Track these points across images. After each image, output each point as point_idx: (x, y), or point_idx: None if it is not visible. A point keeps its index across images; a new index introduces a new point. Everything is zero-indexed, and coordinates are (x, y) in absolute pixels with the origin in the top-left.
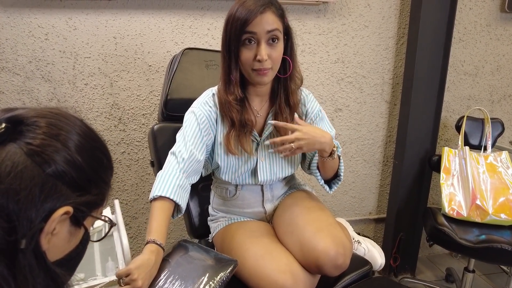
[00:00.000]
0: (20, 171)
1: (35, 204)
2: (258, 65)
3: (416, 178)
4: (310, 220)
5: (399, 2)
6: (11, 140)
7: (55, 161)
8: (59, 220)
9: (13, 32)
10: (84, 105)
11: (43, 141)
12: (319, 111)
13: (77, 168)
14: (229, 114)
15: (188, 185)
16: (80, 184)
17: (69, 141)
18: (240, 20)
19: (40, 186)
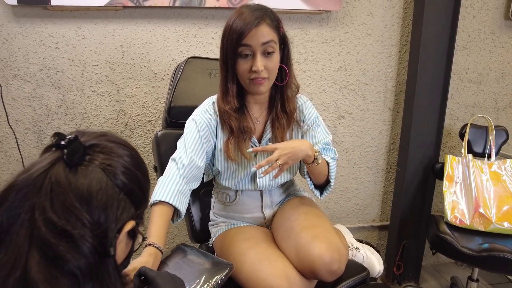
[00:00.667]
0: (105, 189)
1: (115, 217)
2: (255, 75)
3: (420, 185)
4: (306, 226)
5: (402, 11)
6: (88, 160)
7: (124, 179)
8: (126, 230)
9: (25, 41)
10: (91, 111)
11: (114, 162)
12: (316, 118)
13: (139, 186)
14: (228, 122)
15: (188, 190)
16: (139, 200)
17: (129, 159)
18: (236, 33)
19: (118, 202)
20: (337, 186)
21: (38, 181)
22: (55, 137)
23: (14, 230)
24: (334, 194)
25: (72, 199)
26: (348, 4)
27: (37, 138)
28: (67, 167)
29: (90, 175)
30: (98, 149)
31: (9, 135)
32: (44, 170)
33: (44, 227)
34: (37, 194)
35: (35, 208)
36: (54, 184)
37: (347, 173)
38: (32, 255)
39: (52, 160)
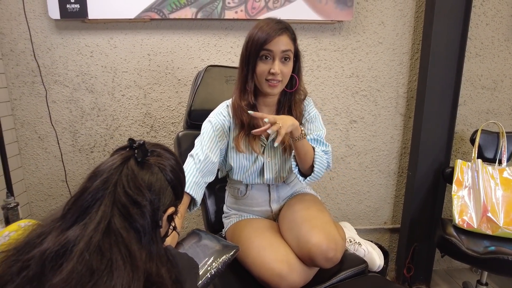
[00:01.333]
0: (159, 181)
1: (163, 202)
2: (271, 77)
3: (430, 189)
4: (307, 218)
5: (413, 20)
6: (148, 160)
7: (171, 176)
8: (167, 214)
9: (65, 50)
10: (121, 113)
11: (165, 163)
12: (315, 114)
13: (180, 183)
14: (241, 117)
15: (204, 183)
16: (179, 193)
17: (175, 163)
18: (261, 39)
19: (166, 191)
20: (349, 188)
21: (119, 167)
22: (129, 141)
23: (101, 198)
24: (346, 196)
25: (140, 182)
26: (360, 14)
27: (72, 137)
28: (136, 162)
29: (150, 170)
30: (155, 153)
31: (49, 134)
32: (123, 161)
33: (123, 196)
34: (119, 176)
35: (117, 184)
36: (130, 171)
37: (359, 176)
38: (114, 214)
39: (128, 156)
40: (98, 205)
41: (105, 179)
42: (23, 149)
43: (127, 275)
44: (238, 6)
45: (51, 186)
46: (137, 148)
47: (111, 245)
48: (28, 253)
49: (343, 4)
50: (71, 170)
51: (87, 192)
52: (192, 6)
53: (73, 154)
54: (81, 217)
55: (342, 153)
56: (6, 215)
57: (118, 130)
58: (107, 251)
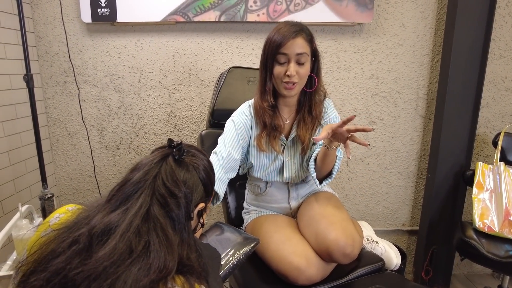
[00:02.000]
0: (193, 178)
1: (195, 197)
2: (287, 79)
3: (450, 192)
4: (325, 215)
5: (434, 22)
6: (184, 158)
7: (203, 174)
8: (198, 209)
9: (95, 52)
10: (146, 112)
11: (199, 162)
12: (334, 117)
13: (210, 182)
14: (262, 118)
15: (226, 179)
16: (209, 191)
17: (207, 163)
18: (276, 43)
19: (197, 187)
20: (368, 189)
21: (159, 162)
22: (169, 141)
23: (142, 187)
24: (364, 197)
25: (177, 177)
26: (380, 16)
27: (99, 134)
28: (174, 159)
29: (186, 167)
30: (190, 153)
31: (78, 131)
32: (162, 158)
33: (162, 187)
34: (159, 170)
35: (157, 176)
36: (168, 166)
37: (378, 177)
38: (153, 202)
39: (167, 153)
40: (139, 193)
41: (146, 171)
42: (54, 145)
43: (163, 255)
44: (260, 9)
45: (79, 181)
46: (175, 147)
47: (149, 229)
48: (78, 230)
49: (364, 6)
50: (98, 166)
51: (130, 182)
52: (216, 9)
53: (100, 150)
54: (124, 203)
55: (361, 154)
56: (43, 205)
57: (143, 128)
58: (145, 234)
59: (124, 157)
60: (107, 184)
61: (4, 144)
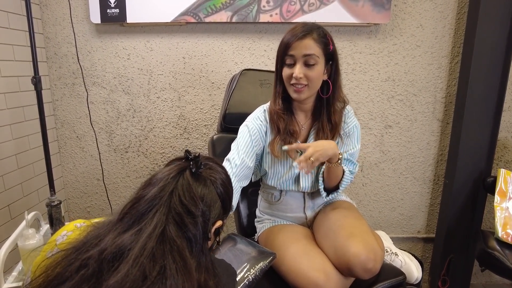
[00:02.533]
0: (211, 194)
1: (213, 214)
2: (294, 81)
3: (469, 199)
4: (344, 227)
5: (454, 22)
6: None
7: (221, 189)
8: (215, 227)
9: (104, 53)
10: (155, 115)
11: (217, 176)
12: (354, 127)
13: (229, 197)
14: (277, 122)
15: (239, 187)
16: (227, 208)
17: (225, 177)
18: (284, 44)
19: (215, 204)
20: (382, 195)
21: (176, 177)
22: (186, 153)
23: (157, 205)
24: (378, 203)
25: (195, 193)
26: (398, 17)
27: (108, 137)
28: (191, 173)
29: (203, 183)
30: (208, 166)
31: (86, 134)
32: (179, 172)
33: (179, 205)
34: (175, 185)
35: (173, 193)
36: (185, 181)
37: (392, 183)
38: (169, 221)
39: (184, 166)
40: (154, 212)
41: (161, 187)
42: (62, 148)
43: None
44: (273, 9)
45: (87, 184)
46: (193, 160)
47: (164, 252)
48: (87, 252)
49: (380, 6)
50: (106, 169)
51: (143, 199)
52: (228, 9)
53: (108, 153)
54: (137, 222)
55: (376, 158)
56: (50, 212)
57: (153, 131)
58: (160, 257)
59: (133, 161)
60: (115, 187)
61: (12, 147)
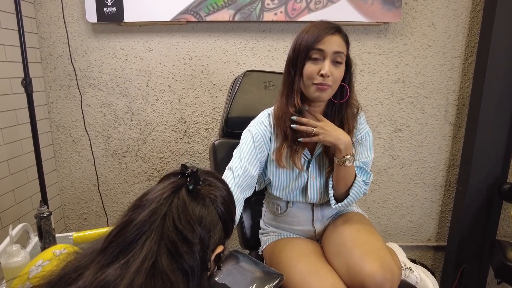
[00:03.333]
0: (210, 216)
1: (213, 239)
2: (320, 80)
3: (483, 206)
4: (358, 243)
5: (468, 20)
6: (200, 189)
7: (222, 209)
8: (216, 253)
9: (101, 54)
10: (154, 118)
11: (217, 194)
12: (366, 134)
13: (231, 218)
14: (284, 128)
15: (242, 199)
16: (229, 230)
17: (226, 194)
18: (312, 37)
19: (216, 226)
20: (391, 201)
21: (170, 197)
22: (182, 168)
23: (147, 231)
24: (387, 210)
25: (192, 216)
26: (408, 15)
27: (105, 141)
28: (187, 192)
29: (202, 202)
30: (207, 182)
31: (83, 138)
32: (174, 190)
33: (173, 231)
34: (169, 207)
35: (167, 216)
36: (181, 202)
37: (402, 189)
38: (161, 251)
39: (179, 184)
40: (144, 240)
41: (153, 210)
42: (58, 152)
43: None
44: (278, 7)
45: (84, 190)
46: (190, 176)
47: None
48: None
49: (391, 4)
50: (103, 175)
51: (132, 224)
52: (230, 8)
53: (106, 158)
54: (124, 252)
55: (385, 164)
56: (39, 224)
57: (151, 135)
58: None
59: (131, 166)
60: (112, 193)
61: (4, 152)
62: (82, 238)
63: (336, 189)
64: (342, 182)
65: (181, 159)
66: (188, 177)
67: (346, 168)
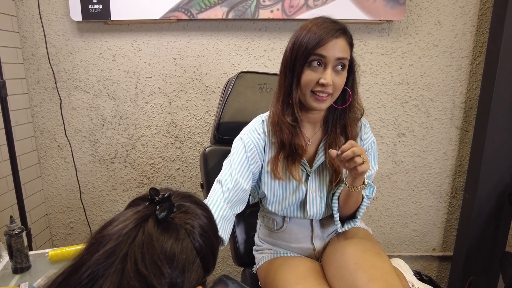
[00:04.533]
0: (185, 252)
1: (189, 281)
2: (320, 88)
3: (492, 215)
4: (363, 266)
5: (476, 18)
6: (173, 218)
7: (201, 241)
8: None
9: (87, 54)
10: (143, 122)
11: (196, 223)
12: (372, 144)
13: (212, 252)
14: (280, 135)
15: (232, 215)
16: (209, 266)
17: (207, 222)
18: (313, 40)
19: (193, 265)
20: (394, 210)
21: (132, 232)
22: (151, 192)
23: (102, 278)
24: (390, 218)
25: (160, 256)
26: (413, 13)
27: (92, 146)
28: (157, 223)
29: (174, 235)
30: (183, 209)
31: (68, 143)
32: (138, 223)
33: (134, 278)
34: (130, 245)
35: (127, 258)
36: (146, 238)
37: (406, 196)
38: None
39: (145, 214)
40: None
41: (110, 250)
42: (43, 158)
43: None
44: (274, 4)
45: (70, 197)
46: (161, 202)
47: None
48: None
49: (394, 1)
50: (90, 182)
51: (83, 267)
52: (223, 5)
53: (93, 164)
54: None
55: (388, 170)
56: (9, 242)
57: (141, 140)
58: None
59: (120, 172)
60: (100, 201)
61: None
62: (59, 255)
63: (343, 212)
64: (353, 207)
65: (172, 165)
66: (158, 204)
67: (359, 192)
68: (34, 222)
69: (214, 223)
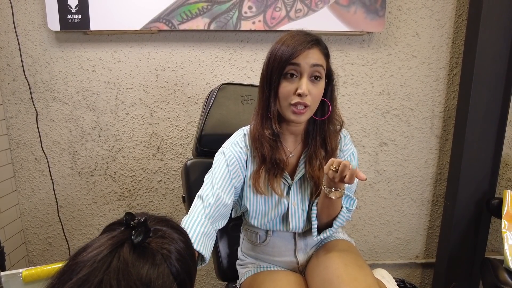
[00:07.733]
0: (162, 277)
1: None
2: (297, 99)
3: (471, 221)
4: (346, 279)
5: (452, 31)
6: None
7: (177, 266)
8: None
9: (65, 65)
10: (124, 133)
11: (173, 248)
12: (351, 155)
13: (189, 277)
14: (261, 150)
15: (214, 231)
16: None
17: (184, 247)
18: (286, 52)
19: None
20: (378, 218)
21: (107, 259)
22: (126, 217)
23: None
24: (374, 227)
25: (136, 282)
26: (392, 25)
27: (71, 159)
28: (132, 248)
29: (150, 260)
30: (159, 234)
31: (47, 155)
32: (114, 248)
33: None
34: (105, 271)
35: (103, 285)
36: (122, 264)
37: (388, 205)
38: None
39: (121, 239)
40: None
41: (84, 278)
42: (18, 171)
43: None
44: (256, 16)
45: (48, 211)
46: (136, 227)
47: None
48: None
49: (374, 13)
50: (69, 195)
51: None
52: (205, 16)
53: (72, 177)
54: None
55: (370, 179)
56: None
57: (121, 152)
58: None
59: (100, 185)
60: (80, 215)
61: None
62: (33, 276)
63: (321, 221)
64: (332, 215)
65: (154, 177)
66: (134, 229)
67: (339, 201)
68: (8, 238)
69: (191, 247)
